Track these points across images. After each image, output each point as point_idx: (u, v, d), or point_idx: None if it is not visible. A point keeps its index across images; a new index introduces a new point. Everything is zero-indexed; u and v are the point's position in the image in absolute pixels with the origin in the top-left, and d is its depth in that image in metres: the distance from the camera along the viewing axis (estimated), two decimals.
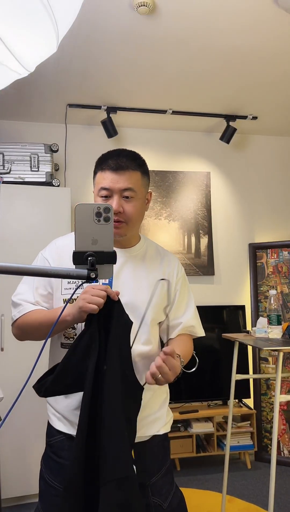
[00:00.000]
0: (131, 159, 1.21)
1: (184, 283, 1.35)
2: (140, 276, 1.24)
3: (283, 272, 3.26)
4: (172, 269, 1.32)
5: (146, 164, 1.27)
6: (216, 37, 2.27)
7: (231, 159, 3.57)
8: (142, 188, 1.23)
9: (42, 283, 1.24)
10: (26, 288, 1.26)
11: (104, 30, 2.19)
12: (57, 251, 1.26)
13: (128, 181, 1.18)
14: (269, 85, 2.81)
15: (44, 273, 0.82)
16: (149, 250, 1.32)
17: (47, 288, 1.24)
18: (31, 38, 0.82)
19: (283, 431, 3.11)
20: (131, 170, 1.19)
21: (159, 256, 1.32)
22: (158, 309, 1.25)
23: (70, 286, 1.21)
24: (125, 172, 1.18)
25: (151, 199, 1.31)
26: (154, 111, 3.14)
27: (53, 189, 2.77)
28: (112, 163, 1.19)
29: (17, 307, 1.23)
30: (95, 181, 1.24)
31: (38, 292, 1.24)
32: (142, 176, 1.23)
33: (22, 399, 0.92)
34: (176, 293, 1.31)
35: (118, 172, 1.18)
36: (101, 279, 1.19)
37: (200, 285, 3.38)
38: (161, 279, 1.24)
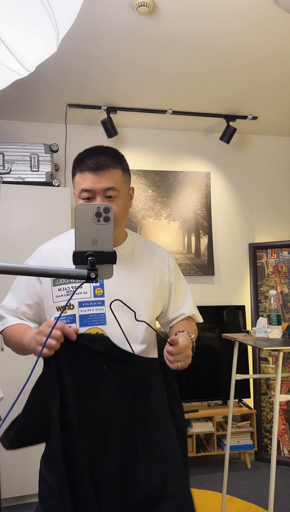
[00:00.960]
0: (110, 157, 1.16)
1: (177, 274, 1.34)
2: (131, 275, 1.23)
3: (283, 272, 3.26)
4: (163, 264, 1.31)
5: (125, 160, 1.22)
6: (216, 37, 2.27)
7: (231, 159, 3.58)
8: (124, 185, 1.20)
9: (29, 293, 1.23)
10: (11, 299, 1.25)
11: (104, 30, 2.19)
12: (43, 259, 1.24)
13: (110, 180, 1.14)
14: (269, 85, 2.81)
15: (44, 273, 0.82)
16: (137, 246, 1.30)
17: (34, 298, 1.22)
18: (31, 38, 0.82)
19: (283, 431, 3.11)
20: (112, 168, 1.15)
21: (148, 251, 1.31)
22: (153, 307, 1.25)
23: (61, 293, 1.18)
24: (106, 171, 1.14)
25: (133, 195, 1.28)
26: (154, 111, 3.14)
27: (53, 189, 2.77)
28: (90, 163, 1.14)
29: (1, 320, 1.24)
30: (75, 183, 1.19)
31: (24, 303, 1.23)
32: (123, 173, 1.19)
33: (22, 399, 0.92)
34: (171, 286, 1.31)
35: (98, 172, 1.13)
36: (95, 281, 1.19)
37: (200, 285, 3.38)
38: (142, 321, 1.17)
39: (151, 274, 1.27)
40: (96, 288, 1.19)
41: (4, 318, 1.23)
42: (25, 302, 1.23)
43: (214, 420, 3.02)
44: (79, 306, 1.17)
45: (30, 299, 1.22)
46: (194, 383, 3.08)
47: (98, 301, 1.18)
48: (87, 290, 1.18)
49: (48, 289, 1.20)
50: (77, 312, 1.17)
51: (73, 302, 1.18)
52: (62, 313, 1.18)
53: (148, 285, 1.25)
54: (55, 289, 1.19)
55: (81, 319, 1.17)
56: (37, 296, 1.22)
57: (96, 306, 1.18)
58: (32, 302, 1.22)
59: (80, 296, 1.18)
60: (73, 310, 1.17)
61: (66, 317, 1.18)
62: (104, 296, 1.18)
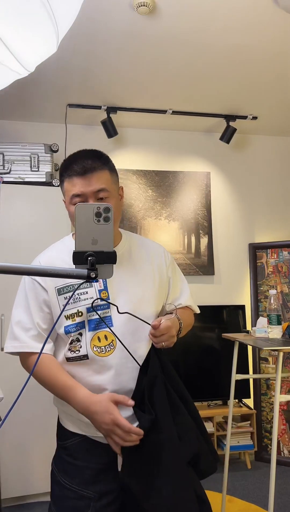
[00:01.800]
0: (96, 159, 1.17)
1: (173, 267, 1.38)
2: (131, 274, 1.25)
3: (283, 272, 3.27)
4: (160, 259, 1.33)
5: (111, 160, 1.22)
6: (216, 37, 2.27)
7: (231, 159, 3.58)
8: (114, 186, 1.20)
9: (39, 305, 1.20)
10: (24, 313, 1.21)
11: (104, 30, 2.19)
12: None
13: (99, 182, 1.14)
14: (269, 85, 2.81)
15: (44, 273, 0.81)
16: (132, 245, 1.31)
17: (44, 309, 1.20)
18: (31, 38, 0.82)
19: (283, 431, 3.11)
20: (99, 170, 1.15)
21: (144, 249, 1.33)
22: (156, 302, 1.28)
23: (69, 301, 1.18)
24: (94, 173, 1.14)
25: (123, 194, 1.28)
26: (154, 111, 3.14)
27: (53, 189, 2.77)
28: (77, 167, 1.14)
29: (14, 341, 1.20)
30: (64, 190, 1.19)
31: (37, 315, 1.20)
32: (110, 174, 1.19)
33: (22, 399, 0.93)
34: (170, 280, 1.34)
35: (86, 175, 1.14)
36: (99, 280, 1.20)
37: (200, 285, 3.38)
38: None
39: (150, 271, 1.29)
40: (101, 291, 1.19)
41: (18, 340, 1.19)
42: (38, 314, 1.20)
43: (214, 420, 3.02)
44: (87, 312, 1.18)
45: (42, 311, 1.20)
46: (194, 383, 3.08)
47: (104, 305, 1.19)
48: (92, 295, 1.19)
49: (54, 298, 1.19)
50: (86, 318, 1.18)
51: (81, 309, 1.18)
52: (72, 321, 1.18)
53: (149, 282, 1.27)
54: (61, 298, 1.19)
55: (90, 323, 1.18)
56: (46, 305, 1.20)
57: (102, 310, 1.19)
58: (44, 313, 1.20)
59: (87, 302, 1.18)
60: (82, 317, 1.18)
61: (76, 324, 1.18)
62: (110, 299, 1.19)
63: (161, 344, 1.14)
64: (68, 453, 1.20)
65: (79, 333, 1.18)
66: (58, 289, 1.19)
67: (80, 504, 1.13)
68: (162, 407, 1.13)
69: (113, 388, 1.15)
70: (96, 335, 1.17)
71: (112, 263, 0.86)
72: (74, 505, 1.13)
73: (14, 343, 1.20)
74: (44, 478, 2.49)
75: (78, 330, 1.18)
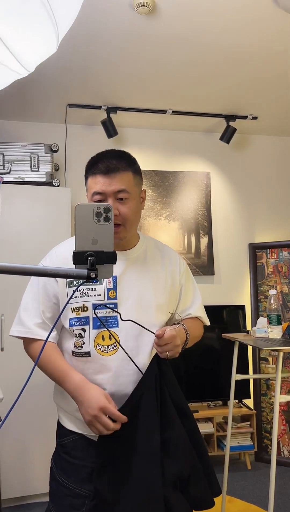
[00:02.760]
0: (121, 159, 1.19)
1: (187, 276, 1.37)
2: (144, 276, 1.25)
3: (283, 272, 3.26)
4: (174, 266, 1.33)
5: (136, 163, 1.25)
6: (216, 37, 2.27)
7: (231, 159, 3.57)
8: (135, 188, 1.22)
9: (47, 294, 1.22)
10: (32, 300, 1.23)
11: (104, 30, 2.19)
12: (59, 259, 1.23)
13: (120, 182, 1.16)
14: (269, 84, 2.81)
15: (44, 273, 0.81)
16: (149, 248, 1.31)
17: (52, 299, 1.22)
18: (31, 38, 0.82)
19: (283, 431, 3.11)
20: (122, 171, 1.17)
21: (159, 253, 1.32)
22: (165, 309, 1.27)
23: (76, 295, 1.19)
24: (117, 174, 1.16)
25: (145, 197, 1.29)
26: (154, 111, 3.14)
27: (53, 189, 2.77)
28: (102, 166, 1.17)
29: (19, 326, 1.22)
30: (88, 187, 1.22)
31: (43, 304, 1.22)
32: (134, 176, 1.21)
33: (22, 399, 0.93)
34: (181, 288, 1.33)
35: (109, 175, 1.16)
36: (103, 280, 1.20)
37: (200, 285, 3.34)
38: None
39: (163, 276, 1.28)
40: (110, 290, 1.19)
41: (25, 325, 1.21)
42: (45, 303, 1.22)
43: (214, 420, 3.02)
44: (93, 308, 1.18)
45: (49, 300, 1.22)
46: (194, 383, 3.08)
47: (111, 304, 1.19)
48: (101, 293, 1.19)
49: (63, 290, 1.20)
50: (91, 314, 1.18)
51: (87, 304, 1.18)
52: (76, 314, 1.19)
53: (161, 287, 1.26)
54: (70, 290, 1.20)
55: (94, 321, 1.18)
56: (55, 296, 1.22)
57: (108, 309, 1.19)
58: (50, 303, 1.22)
59: (94, 298, 1.19)
60: (87, 312, 1.18)
61: (80, 319, 1.19)
62: (117, 299, 1.19)
63: (165, 354, 1.13)
64: (65, 451, 1.22)
65: (82, 328, 1.18)
66: (68, 281, 1.20)
67: (76, 502, 1.14)
68: (147, 417, 1.10)
69: (112, 389, 1.15)
70: (100, 333, 1.17)
71: (112, 263, 0.86)
72: (70, 503, 1.14)
73: (19, 328, 1.22)
74: (44, 478, 2.49)
75: (81, 325, 1.18)
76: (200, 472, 1.14)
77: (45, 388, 1.77)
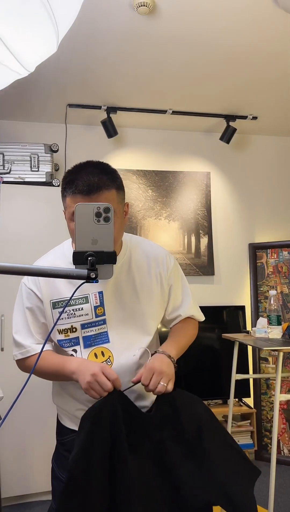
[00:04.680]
0: (102, 175, 1.08)
1: (176, 273, 1.31)
2: (131, 288, 1.21)
3: (283, 272, 3.27)
4: (161, 267, 1.26)
5: (118, 176, 1.14)
6: (216, 37, 2.27)
7: (231, 159, 3.58)
8: (119, 205, 1.12)
9: (34, 314, 1.20)
10: (21, 322, 1.21)
11: (104, 30, 2.19)
12: (40, 279, 1.19)
13: (104, 202, 1.06)
14: (269, 85, 2.81)
15: (44, 273, 0.82)
16: (133, 255, 1.24)
17: (40, 319, 1.20)
18: (31, 38, 0.82)
19: (283, 430, 3.11)
20: (105, 189, 1.06)
21: (145, 259, 1.25)
22: (157, 316, 1.26)
23: (62, 316, 1.17)
24: (99, 193, 1.06)
25: (128, 210, 1.21)
26: (154, 111, 3.14)
27: (53, 189, 2.77)
28: (82, 185, 1.05)
29: (19, 348, 1.21)
30: (66, 205, 1.12)
31: (35, 331, 1.21)
32: (117, 193, 1.11)
33: (22, 399, 0.93)
34: (170, 288, 1.28)
35: (90, 195, 1.05)
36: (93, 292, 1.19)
37: (200, 285, 3.38)
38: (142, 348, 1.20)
39: (150, 283, 1.23)
40: (97, 308, 1.17)
41: (23, 346, 1.20)
42: (33, 323, 1.21)
43: None
44: (82, 328, 1.17)
45: (37, 321, 1.21)
46: (194, 382, 3.08)
47: (99, 321, 1.17)
48: (88, 312, 1.17)
49: (48, 311, 1.18)
50: (80, 334, 1.17)
51: (75, 325, 1.17)
52: (65, 336, 1.17)
53: (149, 295, 1.23)
54: (55, 312, 1.18)
55: (85, 340, 1.17)
56: (42, 315, 1.20)
57: (98, 326, 1.17)
58: (39, 323, 1.21)
59: (82, 318, 1.17)
60: (76, 333, 1.17)
61: (70, 340, 1.17)
62: (106, 315, 1.18)
63: (162, 387, 1.06)
64: (66, 448, 1.22)
65: (73, 349, 1.17)
66: (53, 302, 1.18)
67: None
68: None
69: None
70: (92, 351, 1.16)
71: (112, 263, 0.86)
72: None
73: (20, 350, 1.21)
74: (44, 477, 2.50)
75: (71, 346, 1.17)
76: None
77: (45, 388, 1.77)
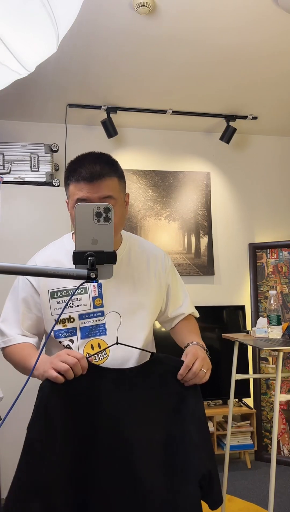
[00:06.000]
0: (105, 165, 1.12)
1: (173, 274, 1.34)
2: (129, 281, 1.23)
3: (283, 272, 3.27)
4: (160, 265, 1.30)
5: (120, 166, 1.19)
6: (216, 37, 2.27)
7: (231, 159, 3.57)
8: (121, 193, 1.17)
9: (28, 305, 1.20)
10: (12, 312, 1.21)
11: (104, 30, 2.19)
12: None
13: (107, 189, 1.10)
14: (269, 85, 2.81)
15: (44, 273, 0.82)
16: (132, 249, 1.28)
17: (33, 310, 1.20)
18: (31, 38, 0.82)
19: (283, 430, 3.11)
20: (108, 177, 1.11)
21: (144, 253, 1.29)
22: (152, 311, 1.26)
23: (60, 306, 1.17)
24: (102, 180, 1.10)
25: (129, 201, 1.25)
26: (154, 111, 3.14)
27: (53, 189, 2.77)
28: (85, 172, 1.10)
29: (3, 336, 1.20)
30: (69, 193, 1.15)
31: (24, 315, 1.20)
32: (119, 181, 1.16)
33: (22, 399, 0.92)
34: (169, 288, 1.32)
35: (94, 182, 1.09)
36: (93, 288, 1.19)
37: (200, 285, 3.38)
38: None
39: (148, 278, 1.26)
40: (95, 298, 1.18)
41: (6, 335, 1.20)
42: (25, 314, 1.20)
43: (214, 419, 3.02)
44: (80, 319, 1.17)
45: (30, 312, 1.21)
46: None
47: (97, 312, 1.18)
48: (86, 302, 1.18)
49: (46, 302, 1.18)
50: (78, 324, 1.17)
51: (73, 315, 1.17)
52: (62, 326, 1.17)
53: (147, 289, 1.25)
54: (53, 302, 1.18)
55: (82, 331, 1.17)
56: (36, 307, 1.20)
57: (95, 318, 1.18)
58: (31, 314, 1.21)
59: (80, 308, 1.17)
60: (73, 323, 1.17)
61: (67, 330, 1.18)
62: (104, 307, 1.18)
63: (202, 375, 1.08)
64: None
65: (70, 339, 1.17)
66: (51, 292, 1.18)
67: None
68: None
69: None
70: (89, 342, 1.17)
71: (112, 263, 0.86)
72: None
73: (3, 339, 1.20)
74: None
75: (68, 336, 1.17)
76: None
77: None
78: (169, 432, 1.04)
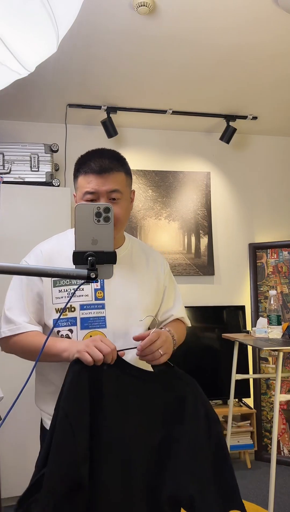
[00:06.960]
0: (114, 160, 1.19)
1: (170, 278, 1.38)
2: (130, 277, 1.25)
3: (283, 272, 3.27)
4: (159, 268, 1.33)
5: (127, 163, 1.25)
6: (216, 37, 2.27)
7: (231, 159, 3.57)
8: (127, 189, 1.23)
9: (31, 292, 1.19)
10: (17, 299, 1.20)
11: (104, 30, 2.19)
12: (45, 257, 1.21)
13: (114, 182, 1.16)
14: (269, 85, 2.81)
15: (44, 273, 0.82)
16: (134, 249, 1.32)
17: (36, 298, 1.20)
18: (31, 38, 0.82)
19: (283, 430, 3.11)
20: (116, 171, 1.17)
21: (144, 255, 1.33)
22: (150, 310, 1.28)
23: (62, 295, 1.17)
24: (110, 174, 1.16)
25: (134, 198, 1.30)
26: (154, 111, 3.14)
27: (53, 189, 2.77)
28: (94, 165, 1.15)
29: (9, 324, 1.18)
30: (78, 185, 1.20)
31: (29, 310, 1.19)
32: (126, 177, 1.22)
33: (22, 399, 0.92)
34: (165, 289, 1.34)
35: (102, 174, 1.15)
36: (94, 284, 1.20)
37: (200, 285, 3.38)
38: (148, 316, 1.22)
39: (149, 277, 1.29)
40: (97, 290, 1.19)
41: (13, 323, 1.18)
42: (30, 309, 1.20)
43: None
44: (80, 309, 1.17)
45: (33, 299, 1.20)
46: None
47: (98, 304, 1.18)
48: (88, 293, 1.18)
49: (48, 289, 1.19)
50: (78, 314, 1.17)
51: (74, 304, 1.17)
52: (62, 315, 1.17)
53: (147, 288, 1.27)
54: (55, 290, 1.18)
55: (82, 322, 1.17)
56: (39, 295, 1.20)
57: (96, 309, 1.18)
58: (34, 301, 1.20)
59: (82, 298, 1.18)
60: (74, 313, 1.17)
61: (67, 319, 1.17)
62: (105, 300, 1.19)
63: (157, 355, 1.06)
64: None
65: (70, 329, 1.17)
66: (54, 280, 1.19)
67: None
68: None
69: None
70: (89, 333, 1.16)
71: (112, 263, 0.86)
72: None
73: (10, 327, 1.18)
74: None
75: (68, 325, 1.17)
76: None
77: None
78: (163, 443, 1.03)
